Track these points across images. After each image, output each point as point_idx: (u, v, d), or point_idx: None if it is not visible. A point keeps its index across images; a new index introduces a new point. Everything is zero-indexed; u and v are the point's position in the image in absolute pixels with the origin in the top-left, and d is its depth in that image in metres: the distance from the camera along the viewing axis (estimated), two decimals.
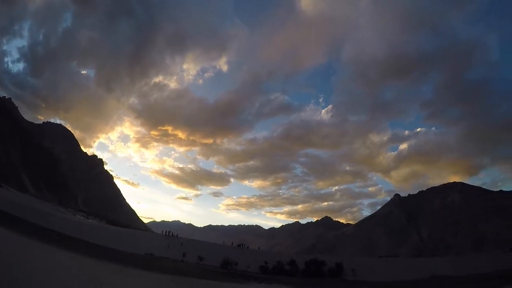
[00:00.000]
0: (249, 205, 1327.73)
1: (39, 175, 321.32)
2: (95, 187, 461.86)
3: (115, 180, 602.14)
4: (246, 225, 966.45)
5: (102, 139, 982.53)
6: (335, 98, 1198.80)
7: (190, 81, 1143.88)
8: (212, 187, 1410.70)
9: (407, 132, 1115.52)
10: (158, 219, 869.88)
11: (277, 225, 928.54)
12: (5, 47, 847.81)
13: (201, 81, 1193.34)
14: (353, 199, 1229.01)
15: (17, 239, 42.25)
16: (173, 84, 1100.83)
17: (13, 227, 54.18)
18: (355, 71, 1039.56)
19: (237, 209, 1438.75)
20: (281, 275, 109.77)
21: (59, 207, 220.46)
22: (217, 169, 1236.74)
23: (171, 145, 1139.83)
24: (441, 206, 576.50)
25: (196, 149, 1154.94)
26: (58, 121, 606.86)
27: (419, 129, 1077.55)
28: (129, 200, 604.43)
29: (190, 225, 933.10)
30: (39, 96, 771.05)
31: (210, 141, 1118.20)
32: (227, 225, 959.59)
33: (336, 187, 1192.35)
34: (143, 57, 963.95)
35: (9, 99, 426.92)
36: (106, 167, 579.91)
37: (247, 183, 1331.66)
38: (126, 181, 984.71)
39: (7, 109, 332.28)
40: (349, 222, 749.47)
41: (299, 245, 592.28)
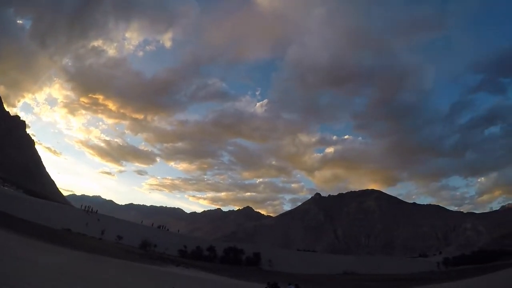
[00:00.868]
0: (173, 187, 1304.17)
1: None
2: (14, 151, 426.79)
3: (37, 146, 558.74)
4: (168, 207, 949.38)
5: (27, 99, 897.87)
6: (271, 93, 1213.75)
7: (130, 51, 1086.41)
8: (137, 164, 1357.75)
9: (335, 137, 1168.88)
10: (78, 193, 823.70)
11: (199, 210, 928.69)
12: None
13: (141, 53, 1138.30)
14: (275, 193, 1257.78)
15: None
16: (112, 51, 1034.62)
17: None
18: (296, 72, 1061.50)
19: (160, 190, 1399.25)
20: (200, 260, 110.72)
21: None
22: (144, 147, 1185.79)
23: (100, 116, 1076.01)
24: (357, 209, 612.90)
25: (125, 123, 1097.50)
26: None
27: (346, 137, 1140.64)
28: (49, 169, 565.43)
29: (111, 202, 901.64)
30: None
31: (141, 116, 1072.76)
32: (149, 205, 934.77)
33: (260, 179, 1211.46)
34: (86, 16, 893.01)
35: None
36: (28, 131, 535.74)
37: (173, 164, 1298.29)
38: (48, 149, 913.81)
39: None
40: (270, 214, 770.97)
41: (219, 232, 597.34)
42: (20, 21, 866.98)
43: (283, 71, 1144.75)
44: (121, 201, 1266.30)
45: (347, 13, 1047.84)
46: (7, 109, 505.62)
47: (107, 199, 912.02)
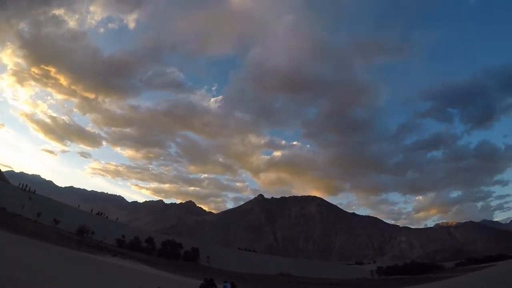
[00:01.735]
0: (116, 174, 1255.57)
1: None
2: None
3: None
4: (109, 193, 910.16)
5: None
6: (227, 91, 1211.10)
7: (91, 26, 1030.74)
8: (81, 146, 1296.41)
9: (284, 142, 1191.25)
10: (17, 170, 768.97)
11: (141, 200, 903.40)
12: None
13: (102, 30, 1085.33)
14: (219, 190, 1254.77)
15: None
16: (72, 23, 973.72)
17: None
18: (254, 73, 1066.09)
19: (103, 176, 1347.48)
20: (137, 251, 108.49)
21: None
22: (91, 128, 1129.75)
23: (50, 90, 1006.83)
24: (298, 214, 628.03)
25: (75, 100, 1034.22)
26: None
27: (295, 143, 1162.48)
28: None
29: (50, 182, 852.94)
30: None
31: (92, 95, 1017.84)
32: (89, 190, 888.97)
33: (205, 175, 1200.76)
34: None
35: None
36: None
37: (118, 150, 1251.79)
38: None
39: None
40: (212, 210, 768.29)
41: (159, 224, 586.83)
42: None
43: (242, 70, 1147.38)
44: (61, 182, 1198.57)
45: (315, 24, 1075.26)
46: None
47: (47, 179, 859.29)
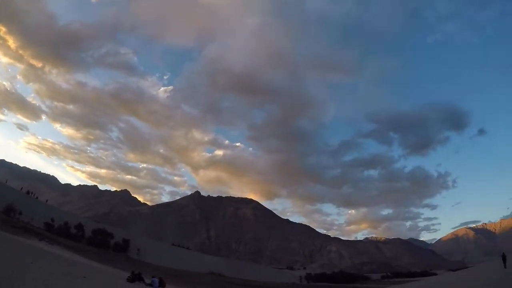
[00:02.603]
0: (52, 152, 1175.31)
1: None
2: None
3: None
4: (42, 172, 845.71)
5: None
6: (179, 82, 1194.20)
7: None
8: (19, 116, 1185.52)
9: (227, 142, 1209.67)
10: None
11: (74, 183, 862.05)
12: None
13: None
14: (156, 182, 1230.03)
15: None
16: None
17: None
18: (208, 69, 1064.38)
19: (38, 152, 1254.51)
20: (66, 237, 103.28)
21: None
22: (32, 99, 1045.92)
23: None
24: (233, 214, 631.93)
25: (20, 66, 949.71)
26: None
27: (238, 144, 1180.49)
28: None
29: None
30: None
31: (39, 64, 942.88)
32: (22, 165, 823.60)
33: (144, 165, 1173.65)
34: None
35: None
36: None
37: (58, 126, 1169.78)
38: None
39: None
40: (147, 202, 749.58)
41: (91, 210, 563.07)
42: None
43: (197, 65, 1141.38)
44: None
45: (277, 32, 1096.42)
46: None
47: None
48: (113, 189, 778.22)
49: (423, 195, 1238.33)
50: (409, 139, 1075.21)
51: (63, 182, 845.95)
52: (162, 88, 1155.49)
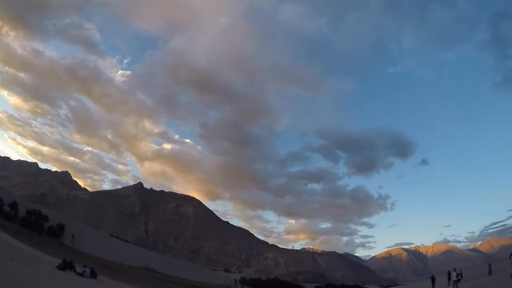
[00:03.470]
0: None
1: None
2: None
3: None
4: None
5: None
6: (138, 68, 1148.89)
7: None
8: None
9: (177, 136, 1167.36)
10: None
11: (14, 157, 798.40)
12: None
13: None
14: (100, 168, 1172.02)
15: None
16: None
17: None
18: (170, 61, 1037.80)
19: None
20: None
21: None
22: None
23: None
24: (174, 211, 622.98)
25: None
26: None
27: (188, 140, 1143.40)
28: None
29: None
30: None
31: None
32: None
33: (89, 148, 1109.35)
34: None
35: None
36: None
37: (5, 94, 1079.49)
38: None
39: None
40: (87, 187, 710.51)
41: (28, 189, 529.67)
42: None
43: (160, 54, 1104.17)
44: None
45: (246, 36, 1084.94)
46: None
47: None
48: (54, 169, 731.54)
49: (362, 214, 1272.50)
50: (356, 160, 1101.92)
51: (2, 154, 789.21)
52: (120, 71, 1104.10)
